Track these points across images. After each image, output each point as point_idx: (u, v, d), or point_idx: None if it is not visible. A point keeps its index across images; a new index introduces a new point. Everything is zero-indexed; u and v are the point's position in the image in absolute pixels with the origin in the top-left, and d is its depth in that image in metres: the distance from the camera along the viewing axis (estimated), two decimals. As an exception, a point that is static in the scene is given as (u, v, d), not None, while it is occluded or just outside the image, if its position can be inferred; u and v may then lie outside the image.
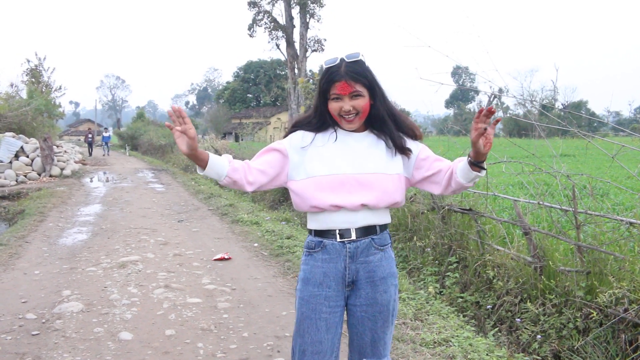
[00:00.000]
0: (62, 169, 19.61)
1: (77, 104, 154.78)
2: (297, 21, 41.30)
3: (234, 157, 2.41)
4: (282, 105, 64.20)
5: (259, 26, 43.18)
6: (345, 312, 2.43)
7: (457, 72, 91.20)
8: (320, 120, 2.36)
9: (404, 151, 2.35)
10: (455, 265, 5.60)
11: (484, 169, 2.27)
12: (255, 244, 7.71)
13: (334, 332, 2.36)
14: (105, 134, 37.90)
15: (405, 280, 5.67)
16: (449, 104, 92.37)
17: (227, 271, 6.35)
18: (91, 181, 18.16)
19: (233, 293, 5.48)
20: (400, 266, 6.28)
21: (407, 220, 6.72)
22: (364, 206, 2.29)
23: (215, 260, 6.87)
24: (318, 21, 41.87)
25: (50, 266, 6.58)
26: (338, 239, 2.32)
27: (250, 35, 43.59)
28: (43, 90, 29.97)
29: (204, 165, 2.27)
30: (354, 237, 2.32)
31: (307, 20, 40.49)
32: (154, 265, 6.61)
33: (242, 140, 42.25)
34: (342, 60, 2.28)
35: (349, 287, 2.37)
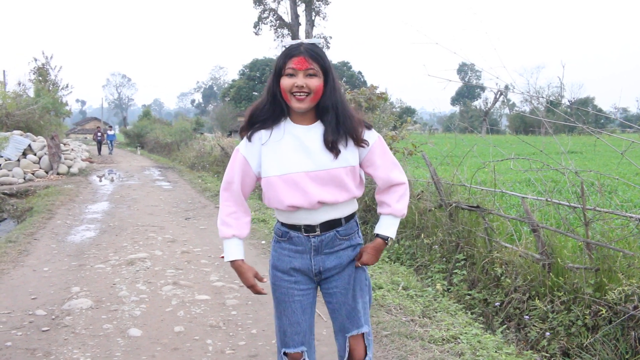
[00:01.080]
0: (69, 167, 19.67)
1: (83, 102, 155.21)
2: (302, 19, 41.33)
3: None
4: (287, 104, 64.29)
5: (264, 24, 43.25)
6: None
7: (463, 69, 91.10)
8: (272, 105, 2.32)
9: (359, 142, 2.33)
10: (462, 262, 5.60)
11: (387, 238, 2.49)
12: (263, 242, 7.72)
13: (310, 312, 2.46)
14: (110, 132, 37.57)
15: (412, 277, 5.67)
16: (455, 101, 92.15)
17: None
18: (100, 181, 18.19)
19: (241, 290, 5.49)
20: (407, 263, 6.28)
21: (414, 218, 6.71)
22: (322, 204, 2.30)
23: (222, 257, 6.86)
24: (324, 19, 41.89)
25: (59, 263, 6.61)
26: (304, 233, 2.37)
27: (256, 33, 43.69)
28: (50, 88, 30.05)
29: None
30: (318, 232, 2.36)
31: (313, 18, 40.51)
32: (162, 263, 6.63)
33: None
34: (301, 42, 2.31)
35: (317, 276, 2.44)
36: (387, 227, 2.46)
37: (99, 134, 35.38)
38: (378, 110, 9.48)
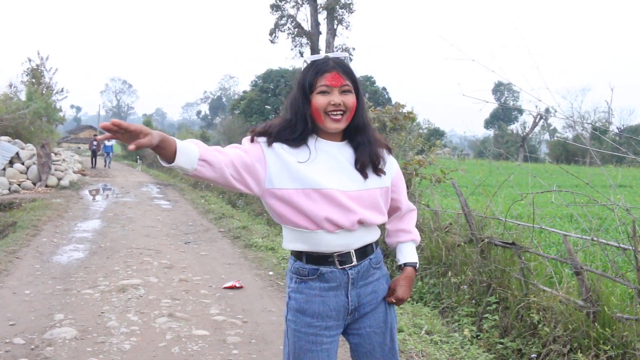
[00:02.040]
0: (59, 179, 19.85)
1: (78, 109, 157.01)
2: (323, 27, 41.68)
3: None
4: (303, 119, 64.57)
5: (281, 31, 43.65)
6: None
7: (499, 89, 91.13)
8: (303, 123, 2.26)
9: (377, 171, 2.37)
10: (494, 306, 5.52)
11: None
12: (271, 272, 7.68)
13: (334, 359, 2.41)
14: (107, 143, 36.70)
15: (437, 320, 5.59)
16: (488, 124, 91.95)
17: (238, 301, 6.32)
18: (94, 199, 18.30)
19: (244, 326, 5.44)
20: (432, 304, 6.21)
21: (440, 253, 6.65)
22: (361, 224, 2.31)
23: (225, 288, 6.85)
24: (347, 28, 42.20)
25: (42, 286, 6.61)
26: (338, 266, 2.31)
27: (272, 41, 44.09)
28: (44, 92, 30.46)
29: (171, 156, 2.02)
30: (354, 261, 2.34)
31: (335, 27, 40.84)
32: (157, 291, 6.61)
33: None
34: (327, 56, 2.31)
35: (351, 314, 2.38)
36: (412, 254, 2.56)
37: (95, 143, 35.12)
38: (404, 132, 9.48)
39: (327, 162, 2.28)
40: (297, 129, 2.28)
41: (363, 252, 2.36)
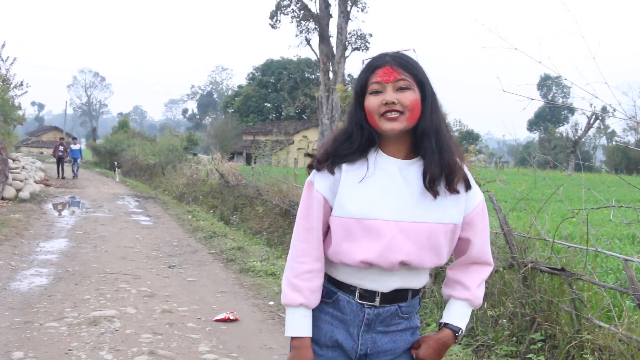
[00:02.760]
0: (18, 190, 19.89)
1: (41, 106, 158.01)
2: (334, 10, 41.72)
3: (245, 184, 2.43)
4: (310, 120, 64.53)
5: (284, 14, 43.76)
6: None
7: (546, 84, 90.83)
8: (359, 131, 2.29)
9: (452, 189, 2.29)
10: (540, 344, 5.51)
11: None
12: (271, 302, 7.71)
13: None
14: (73, 147, 35.62)
15: (471, 361, 5.60)
16: (533, 125, 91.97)
17: (232, 336, 6.34)
18: (59, 213, 18.37)
19: (239, 367, 5.46)
20: (463, 342, 6.21)
21: (475, 280, 6.65)
22: (403, 265, 2.26)
23: (216, 321, 6.87)
24: (362, 10, 42.20)
25: (-1, 318, 6.65)
26: (357, 299, 2.32)
27: (273, 26, 44.24)
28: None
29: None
30: (377, 302, 2.32)
31: (348, 9, 40.90)
32: (135, 324, 6.64)
33: (255, 162, 42.53)
34: (386, 53, 2.31)
35: (360, 359, 2.38)
36: (460, 316, 2.42)
37: (61, 148, 33.98)
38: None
39: (382, 182, 2.27)
40: (354, 139, 2.29)
41: (392, 297, 2.33)
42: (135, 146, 40.52)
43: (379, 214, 2.22)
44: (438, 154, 2.24)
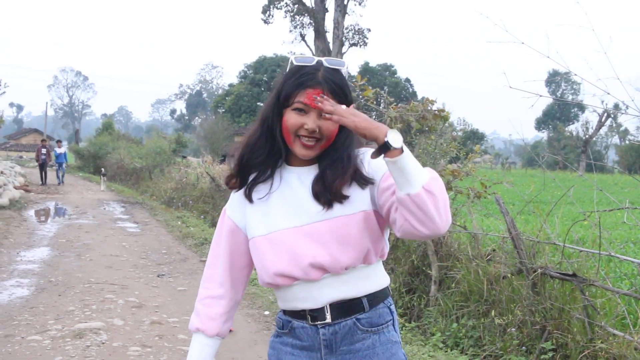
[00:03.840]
0: (-4, 197, 19.90)
1: (20, 108, 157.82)
2: (330, 4, 41.70)
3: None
4: (306, 119, 64.50)
5: (277, 8, 43.78)
6: None
7: (554, 80, 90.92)
8: (269, 140, 2.33)
9: (364, 182, 2.27)
10: (550, 354, 5.53)
11: (390, 147, 2.05)
12: (267, 312, 7.72)
13: None
14: (58, 150, 34.37)
15: (478, 372, 5.61)
16: (541, 124, 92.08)
17: (226, 348, 6.35)
18: (40, 220, 18.35)
19: (233, 380, 5.48)
20: (470, 352, 6.22)
21: (481, 287, 6.67)
22: (322, 271, 2.25)
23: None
24: (360, 4, 42.22)
25: (-22, 331, 6.65)
26: (310, 322, 2.31)
27: (265, 21, 44.25)
28: (-25, 87, 30.56)
29: None
30: (328, 319, 2.29)
31: (345, 2, 40.89)
32: (123, 336, 6.65)
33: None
34: (319, 62, 2.29)
35: None
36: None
37: (44, 152, 32.78)
38: (434, 135, 9.52)
39: (283, 193, 2.34)
40: (264, 145, 2.34)
41: (343, 308, 2.29)
42: (121, 149, 40.36)
43: (282, 224, 2.28)
44: (332, 165, 2.27)
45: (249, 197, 2.37)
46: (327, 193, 2.24)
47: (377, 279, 2.35)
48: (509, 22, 4.31)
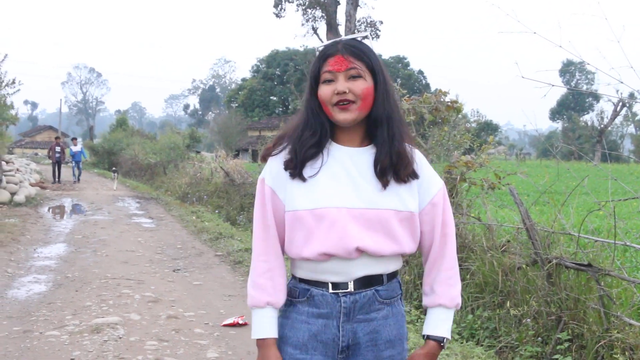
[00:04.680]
0: (13, 194, 19.96)
1: (34, 105, 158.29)
2: (343, -5, 41.48)
3: (252, 183, 2.49)
4: (319, 113, 64.31)
5: (289, 2, 43.74)
6: None
7: (568, 70, 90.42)
8: (313, 124, 2.37)
9: (401, 177, 2.37)
10: (566, 344, 5.52)
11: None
12: (281, 306, 7.72)
13: None
14: (73, 148, 33.67)
15: (494, 363, 5.61)
16: (555, 114, 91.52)
17: (241, 341, 6.37)
18: (56, 216, 18.40)
19: (249, 373, 5.49)
20: (486, 343, 6.22)
21: (496, 279, 6.66)
22: (362, 252, 2.32)
23: (225, 325, 6.91)
24: (372, -4, 41.96)
25: (-4, 327, 6.70)
26: (331, 290, 2.37)
27: (277, 15, 44.22)
28: (-11, 84, 30.59)
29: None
30: (351, 288, 2.36)
31: (357, -6, 40.67)
32: (139, 331, 6.68)
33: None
34: (339, 40, 2.39)
35: (342, 353, 2.41)
36: (439, 323, 2.46)
37: (58, 149, 31.83)
38: (447, 126, 9.50)
39: (333, 171, 2.36)
40: (313, 126, 2.38)
41: (366, 281, 2.37)
42: (135, 145, 40.28)
43: (330, 202, 2.30)
44: (389, 142, 2.35)
45: (301, 176, 2.36)
46: (382, 175, 2.33)
47: (399, 261, 2.47)
48: (520, 12, 4.30)
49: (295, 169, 2.36)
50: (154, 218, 17.52)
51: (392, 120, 2.36)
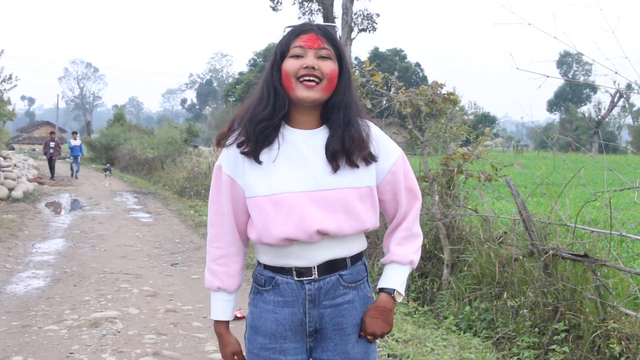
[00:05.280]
0: (10, 190, 19.95)
1: (31, 101, 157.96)
2: (339, -12, 41.40)
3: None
4: (316, 106, 64.37)
5: (286, -5, 43.54)
6: None
7: (566, 62, 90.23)
8: (274, 97, 2.37)
9: (352, 162, 2.38)
10: (563, 335, 5.54)
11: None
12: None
13: None
14: (72, 142, 32.84)
15: (491, 354, 5.62)
16: (553, 106, 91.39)
17: (240, 335, 6.36)
18: (54, 212, 18.41)
19: (248, 366, 5.50)
20: (483, 334, 6.24)
21: (493, 270, 6.68)
22: (323, 235, 2.35)
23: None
24: (369, -12, 41.93)
25: (-5, 322, 6.71)
26: (295, 278, 2.40)
27: (274, 8, 44.06)
28: (-15, 80, 30.52)
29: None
30: (315, 275, 2.40)
31: (354, -13, 40.60)
32: (138, 325, 6.70)
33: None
34: (313, 22, 2.41)
35: (311, 337, 2.46)
36: (391, 277, 2.51)
37: (52, 144, 31.25)
38: (444, 118, 9.50)
39: (288, 155, 2.38)
40: (268, 103, 2.38)
41: (329, 266, 2.41)
42: (132, 140, 40.31)
43: (286, 187, 2.33)
44: (344, 127, 2.37)
45: (256, 157, 2.37)
46: (343, 153, 2.35)
47: (362, 241, 2.50)
48: (515, 3, 4.31)
49: (248, 148, 2.38)
50: (151, 213, 17.52)
51: (349, 108, 2.40)
